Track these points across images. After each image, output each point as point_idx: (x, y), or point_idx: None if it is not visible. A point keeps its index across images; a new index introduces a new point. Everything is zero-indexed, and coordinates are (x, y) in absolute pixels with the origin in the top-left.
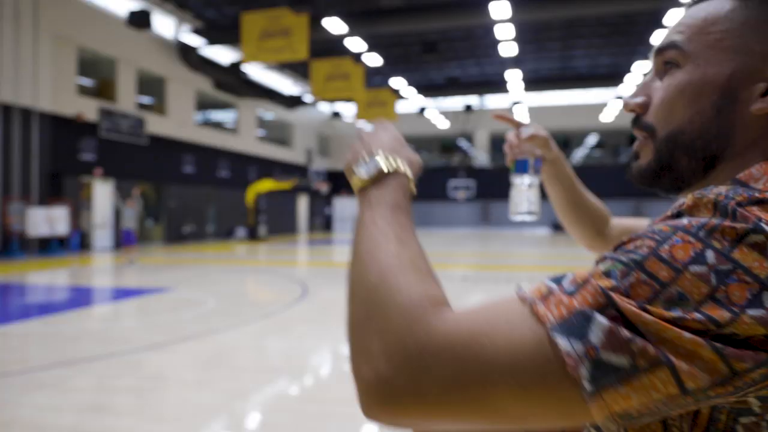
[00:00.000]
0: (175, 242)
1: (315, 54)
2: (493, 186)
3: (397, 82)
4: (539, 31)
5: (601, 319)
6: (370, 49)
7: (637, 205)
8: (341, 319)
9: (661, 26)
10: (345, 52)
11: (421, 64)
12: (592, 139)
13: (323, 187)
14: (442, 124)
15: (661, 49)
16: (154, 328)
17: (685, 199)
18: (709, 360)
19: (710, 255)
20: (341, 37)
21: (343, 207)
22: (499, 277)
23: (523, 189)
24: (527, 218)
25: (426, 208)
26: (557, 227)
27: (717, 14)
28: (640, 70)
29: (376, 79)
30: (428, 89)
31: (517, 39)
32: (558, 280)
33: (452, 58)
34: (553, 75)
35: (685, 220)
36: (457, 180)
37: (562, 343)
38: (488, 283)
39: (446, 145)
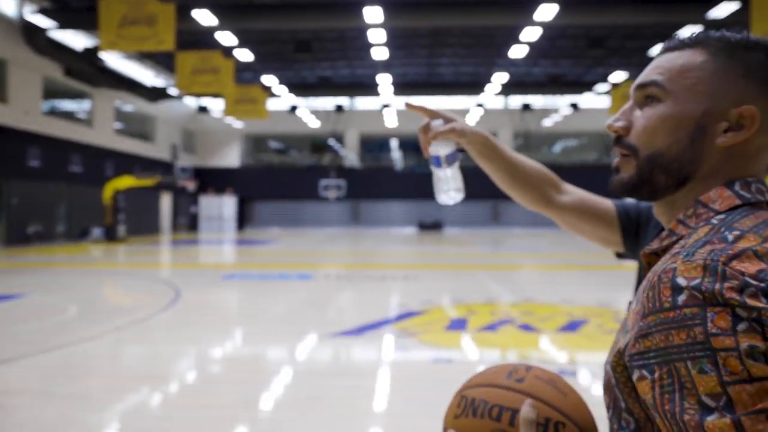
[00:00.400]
0: (18, 244)
1: (182, 46)
2: (363, 186)
3: (269, 80)
4: (408, 37)
5: None
6: (241, 45)
7: (494, 205)
8: (212, 321)
9: (518, 41)
10: (215, 45)
11: (294, 63)
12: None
13: (190, 185)
14: (313, 124)
15: (644, 85)
16: (9, 339)
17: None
18: None
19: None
20: (211, 30)
21: (210, 205)
22: (372, 275)
23: (442, 178)
24: (451, 201)
25: (296, 207)
26: (423, 227)
27: (692, 63)
28: (499, 80)
29: (246, 75)
30: (300, 88)
31: (387, 44)
32: None
33: (325, 58)
34: (421, 80)
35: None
36: (328, 179)
37: None
38: (362, 280)
39: (317, 144)
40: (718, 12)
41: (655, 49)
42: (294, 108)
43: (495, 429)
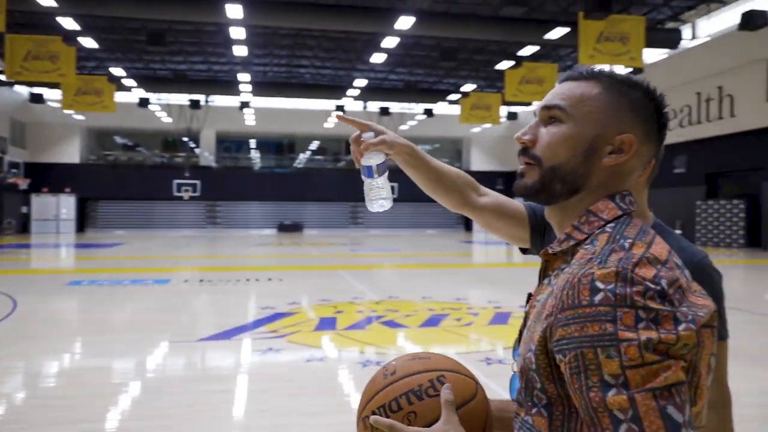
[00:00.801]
0: None
1: (15, 27)
2: (220, 186)
3: (117, 71)
4: (269, 36)
5: None
6: (85, 31)
7: (354, 207)
8: (60, 332)
9: (378, 48)
10: (54, 29)
11: (144, 54)
12: (315, 145)
13: (22, 183)
14: (166, 119)
15: (549, 107)
16: None
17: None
18: None
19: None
20: (50, 12)
21: (45, 206)
22: (235, 277)
23: (374, 187)
24: (381, 208)
25: (146, 208)
26: (283, 228)
27: (590, 94)
28: (360, 84)
29: (91, 64)
30: (151, 81)
31: (247, 41)
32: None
33: (179, 51)
34: (281, 80)
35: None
36: (181, 179)
37: None
38: (225, 283)
39: (170, 141)
40: (553, 35)
41: (500, 65)
42: (144, 102)
43: (402, 417)
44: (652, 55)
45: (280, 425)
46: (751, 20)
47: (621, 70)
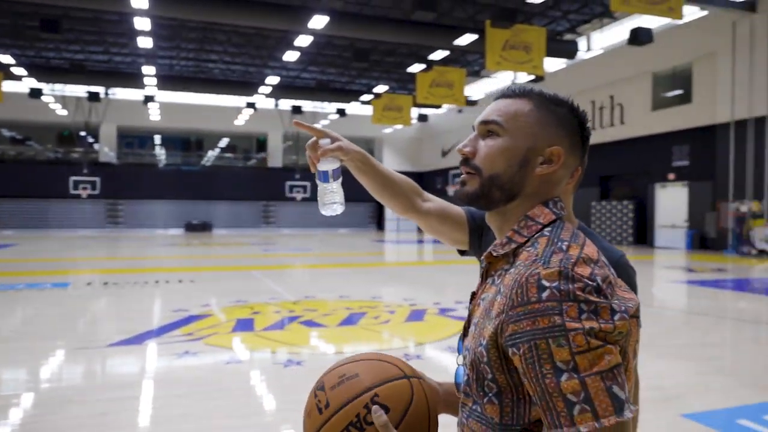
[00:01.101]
0: None
1: None
2: (121, 184)
3: (4, 58)
4: (175, 29)
5: None
6: None
7: (266, 205)
8: None
9: (290, 46)
10: None
11: (37, 42)
12: (225, 142)
13: None
14: (61, 112)
15: (487, 122)
16: None
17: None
18: None
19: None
20: None
21: None
22: (143, 279)
23: (328, 191)
24: (334, 213)
25: (41, 206)
26: (191, 228)
27: (522, 111)
28: (272, 81)
29: None
30: (45, 71)
31: (152, 33)
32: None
33: (76, 40)
34: (188, 75)
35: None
36: (79, 176)
37: None
38: (133, 286)
39: (65, 135)
40: (462, 41)
41: (412, 68)
42: (36, 92)
43: None
44: (552, 65)
45: (204, 429)
46: (639, 36)
47: (524, 77)
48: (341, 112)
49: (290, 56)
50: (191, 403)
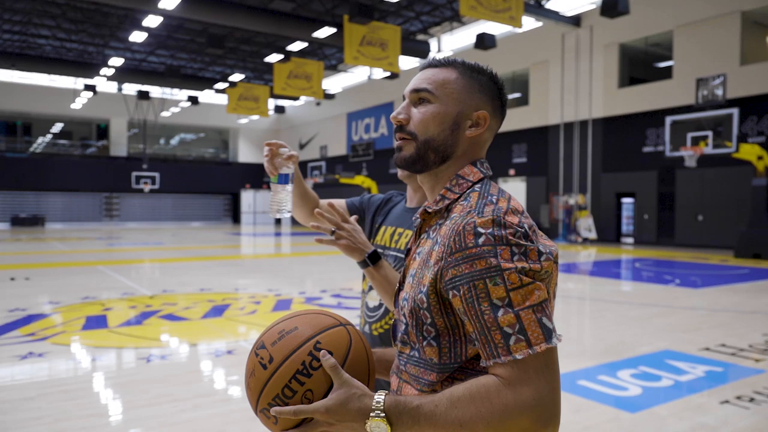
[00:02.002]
0: None
1: None
2: None
3: None
4: None
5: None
6: None
7: (108, 198)
8: None
9: (140, 27)
10: None
11: None
12: (59, 127)
13: None
14: None
15: (418, 90)
16: None
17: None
18: None
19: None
20: None
21: None
22: None
23: (284, 195)
24: (282, 216)
25: None
26: (19, 222)
27: (449, 78)
28: (115, 63)
29: None
30: None
31: None
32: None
33: None
34: (14, 50)
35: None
36: None
37: None
38: None
39: None
40: (320, 33)
41: (270, 57)
42: None
43: (300, 398)
44: (407, 63)
45: (62, 431)
46: (484, 41)
47: (380, 73)
48: (193, 100)
49: (137, 37)
50: (43, 406)
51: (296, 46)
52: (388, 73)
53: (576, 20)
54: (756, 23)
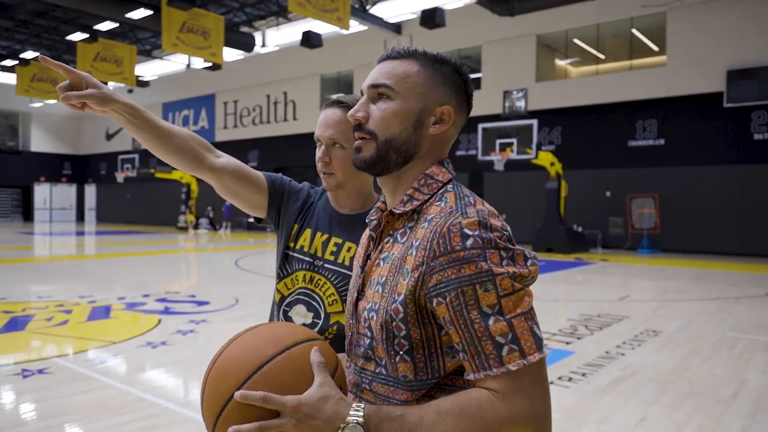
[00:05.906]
0: None
1: None
2: None
3: None
4: None
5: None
6: None
7: (23, 192)
8: None
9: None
10: None
11: None
12: None
13: None
14: None
15: (377, 85)
16: None
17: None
18: None
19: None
20: None
21: None
22: None
23: None
24: None
25: None
26: None
27: (410, 72)
28: None
29: None
30: None
31: None
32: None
33: None
34: None
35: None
36: None
37: None
38: None
39: None
40: (135, 15)
41: (73, 36)
42: None
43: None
44: (231, 55)
45: None
46: (310, 39)
47: (201, 63)
48: None
49: None
50: None
51: (106, 25)
52: (209, 64)
53: (398, 28)
54: (547, 46)
